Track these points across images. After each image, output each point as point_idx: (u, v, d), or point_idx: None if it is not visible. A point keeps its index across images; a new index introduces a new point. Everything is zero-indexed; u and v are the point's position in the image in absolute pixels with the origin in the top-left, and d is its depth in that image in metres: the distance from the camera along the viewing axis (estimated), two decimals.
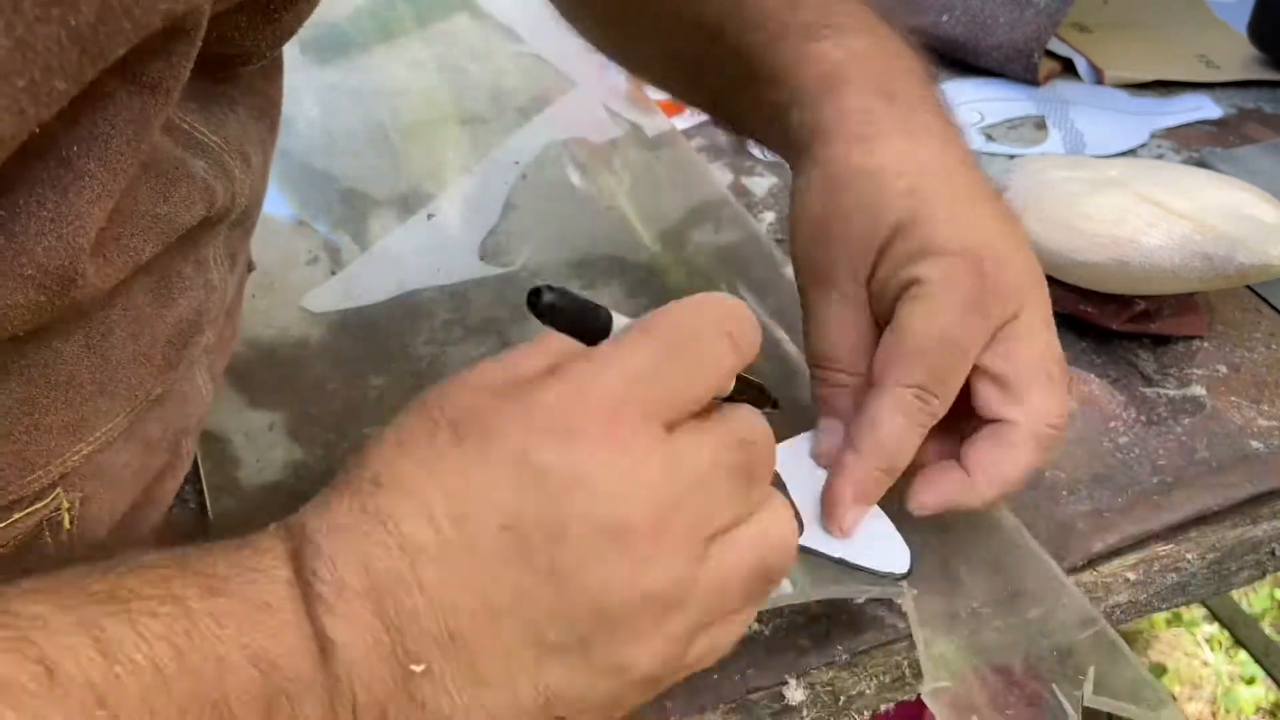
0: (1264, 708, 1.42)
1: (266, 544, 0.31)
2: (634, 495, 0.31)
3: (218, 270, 0.42)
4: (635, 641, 0.32)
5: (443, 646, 0.31)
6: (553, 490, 0.31)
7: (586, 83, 0.78)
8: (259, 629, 0.29)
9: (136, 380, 0.38)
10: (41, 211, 0.30)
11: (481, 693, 0.31)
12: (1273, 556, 0.51)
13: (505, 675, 0.31)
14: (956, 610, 0.43)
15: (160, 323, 0.38)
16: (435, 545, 0.31)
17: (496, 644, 0.31)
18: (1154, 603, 0.49)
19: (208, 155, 0.38)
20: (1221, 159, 0.71)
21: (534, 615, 0.31)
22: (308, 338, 0.57)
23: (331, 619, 0.30)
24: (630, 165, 0.70)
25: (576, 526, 0.31)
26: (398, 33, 0.84)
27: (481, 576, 0.31)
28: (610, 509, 0.31)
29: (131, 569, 0.29)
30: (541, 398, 0.32)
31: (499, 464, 0.31)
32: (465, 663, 0.31)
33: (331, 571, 0.30)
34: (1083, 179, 0.60)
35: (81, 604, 0.28)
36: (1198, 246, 0.54)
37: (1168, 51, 0.84)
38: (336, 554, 0.30)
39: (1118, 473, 0.51)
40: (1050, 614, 0.43)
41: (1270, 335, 0.58)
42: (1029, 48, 0.78)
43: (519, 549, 0.31)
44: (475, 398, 0.33)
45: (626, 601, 0.31)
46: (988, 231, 0.43)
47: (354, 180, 0.69)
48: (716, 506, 0.34)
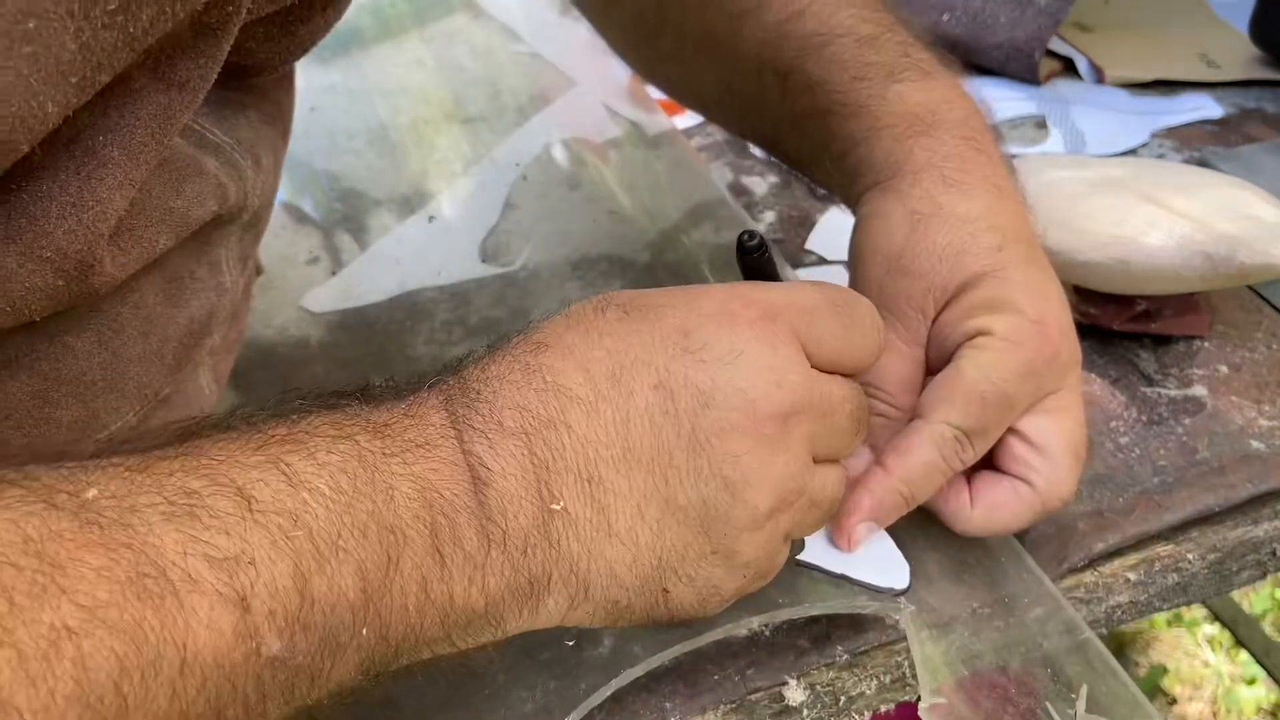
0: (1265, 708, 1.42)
1: (422, 395, 0.34)
2: (776, 385, 0.35)
3: (229, 273, 0.42)
4: (747, 527, 0.35)
5: (581, 487, 0.34)
6: (707, 360, 0.35)
7: (586, 81, 0.78)
8: (420, 462, 0.32)
9: (146, 379, 0.38)
10: (64, 196, 0.31)
11: (607, 544, 0.34)
12: (1274, 557, 0.51)
13: (630, 529, 0.34)
14: (947, 622, 0.43)
15: (172, 323, 0.39)
16: (589, 395, 0.34)
17: (630, 494, 0.34)
18: (1155, 603, 0.49)
19: (219, 154, 0.38)
20: (1223, 158, 0.71)
21: (668, 473, 0.34)
22: (308, 338, 0.57)
23: (488, 451, 0.33)
24: (630, 164, 0.70)
25: (722, 397, 0.35)
26: (397, 32, 0.83)
27: (627, 427, 0.34)
28: (753, 389, 0.35)
29: (304, 416, 0.32)
30: (709, 292, 0.37)
31: (662, 334, 0.35)
32: (598, 508, 0.34)
33: (490, 414, 0.33)
34: (1084, 179, 0.60)
35: (266, 444, 0.30)
36: (1199, 246, 0.54)
37: (1169, 51, 0.84)
38: (495, 400, 0.34)
39: (1119, 473, 0.50)
40: (1042, 627, 0.43)
41: (1271, 335, 0.58)
42: (1030, 47, 0.78)
43: (666, 408, 0.34)
44: (646, 295, 0.37)
45: (750, 479, 0.35)
46: (1053, 304, 0.44)
47: (354, 180, 0.69)
48: (831, 436, 0.38)
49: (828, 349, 0.37)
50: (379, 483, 0.31)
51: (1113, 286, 0.56)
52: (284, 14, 0.36)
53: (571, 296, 0.59)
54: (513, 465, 0.33)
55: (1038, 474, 0.43)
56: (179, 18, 0.29)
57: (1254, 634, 1.40)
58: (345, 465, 0.31)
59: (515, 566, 0.33)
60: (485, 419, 0.33)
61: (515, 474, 0.33)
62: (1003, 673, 0.42)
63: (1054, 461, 0.43)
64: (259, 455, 0.30)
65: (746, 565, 0.36)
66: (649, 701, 0.41)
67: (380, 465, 0.31)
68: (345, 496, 0.30)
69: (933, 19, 0.81)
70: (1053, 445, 0.43)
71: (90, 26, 0.26)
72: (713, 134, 0.75)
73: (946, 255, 0.44)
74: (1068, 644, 0.43)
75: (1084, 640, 0.43)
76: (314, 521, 0.29)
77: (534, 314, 0.58)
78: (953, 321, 0.44)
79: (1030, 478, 0.43)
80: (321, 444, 0.31)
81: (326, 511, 0.29)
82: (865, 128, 0.47)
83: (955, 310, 0.44)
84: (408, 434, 0.32)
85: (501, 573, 0.33)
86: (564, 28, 0.86)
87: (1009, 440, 0.44)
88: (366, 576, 0.30)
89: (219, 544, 0.27)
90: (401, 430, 0.32)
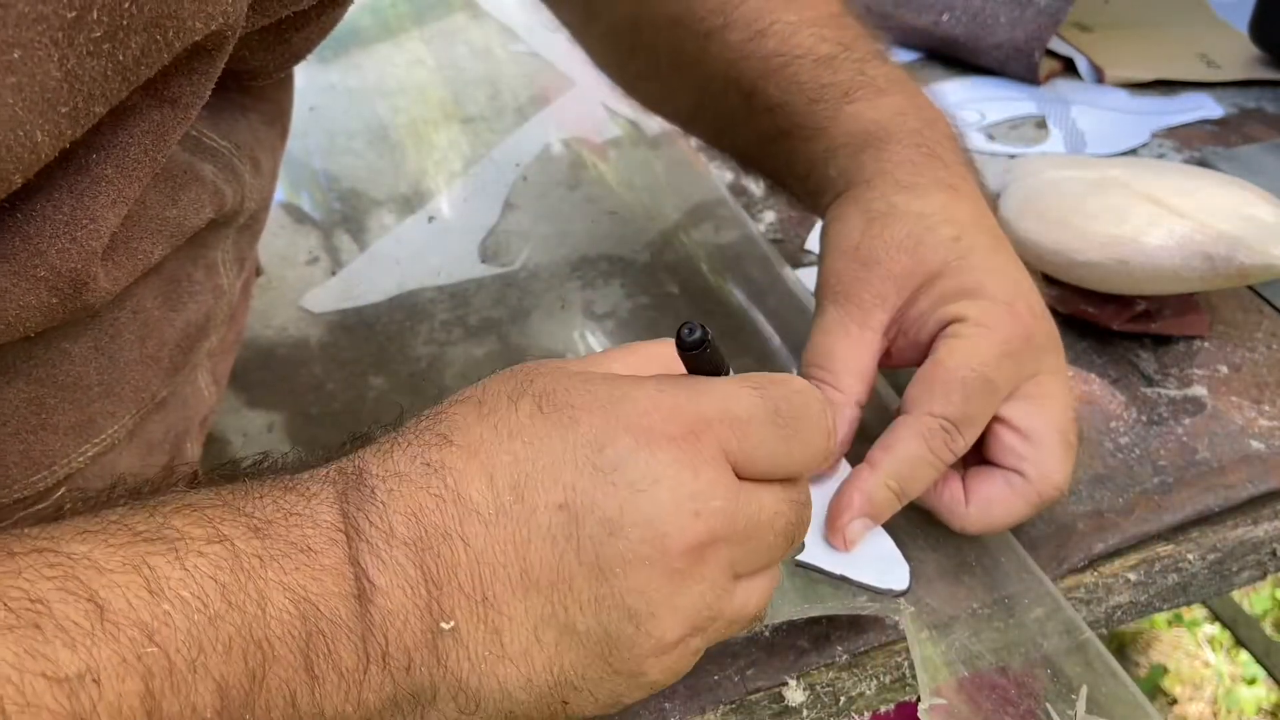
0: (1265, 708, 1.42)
1: (315, 488, 0.32)
2: (693, 515, 0.32)
3: (227, 275, 0.42)
4: (656, 654, 0.33)
5: (474, 608, 0.31)
6: (618, 485, 0.32)
7: (585, 81, 0.78)
8: (300, 571, 0.30)
9: (143, 383, 0.38)
10: (57, 215, 0.30)
11: (499, 664, 0.32)
12: (1274, 557, 0.51)
13: (525, 651, 0.32)
14: (947, 622, 0.43)
15: (169, 326, 0.39)
16: (489, 507, 0.32)
17: (526, 617, 0.32)
18: (1155, 603, 0.49)
19: (217, 159, 0.38)
20: (1222, 158, 0.71)
21: (568, 599, 0.32)
22: (307, 338, 0.57)
23: (373, 563, 0.30)
24: (629, 164, 0.70)
25: (631, 528, 0.32)
26: (397, 32, 0.83)
27: (527, 547, 0.32)
28: (666, 522, 0.32)
29: (177, 508, 0.30)
30: (635, 396, 0.33)
31: (574, 447, 0.32)
32: (491, 629, 0.32)
33: (382, 518, 0.31)
34: (1084, 179, 0.60)
35: (129, 543, 0.28)
36: (1198, 246, 0.54)
37: (1169, 51, 0.84)
38: (389, 502, 0.31)
39: (1119, 473, 0.50)
40: (1042, 627, 0.43)
41: (1271, 335, 0.58)
42: (1030, 47, 0.78)
43: (569, 531, 0.32)
44: (569, 379, 0.34)
45: (657, 612, 0.32)
46: (1023, 288, 0.45)
47: (354, 180, 0.69)
48: (758, 553, 0.35)
49: (762, 463, 0.34)
50: (251, 592, 0.29)
51: (1113, 286, 0.56)
52: (279, 24, 0.36)
53: (571, 297, 0.59)
54: (401, 580, 0.31)
55: (1029, 463, 0.43)
56: (175, 48, 0.28)
57: (1254, 634, 1.40)
58: (216, 573, 0.28)
59: (396, 682, 0.31)
60: (377, 525, 0.31)
61: (403, 590, 0.31)
62: (1003, 673, 0.42)
63: (1043, 448, 0.43)
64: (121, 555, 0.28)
65: (654, 684, 0.34)
66: (649, 702, 0.41)
67: (255, 572, 0.29)
68: (211, 609, 0.28)
69: (932, 18, 0.81)
70: (1040, 431, 0.43)
71: (75, 54, 0.26)
72: None
73: (905, 245, 0.45)
74: (1068, 644, 0.43)
75: (1084, 640, 0.43)
76: (173, 636, 0.27)
77: (534, 315, 0.58)
78: (924, 312, 0.44)
79: (1022, 468, 0.43)
80: (192, 546, 0.29)
81: (188, 624, 0.27)
82: (822, 149, 0.49)
83: (924, 301, 0.44)
84: (291, 535, 0.30)
85: (381, 688, 0.31)
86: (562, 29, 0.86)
87: (997, 430, 0.44)
88: (227, 694, 0.28)
89: (61, 660, 0.25)
90: (285, 530, 0.30)
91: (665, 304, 0.59)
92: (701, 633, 0.34)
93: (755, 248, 0.63)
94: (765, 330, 0.57)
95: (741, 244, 0.63)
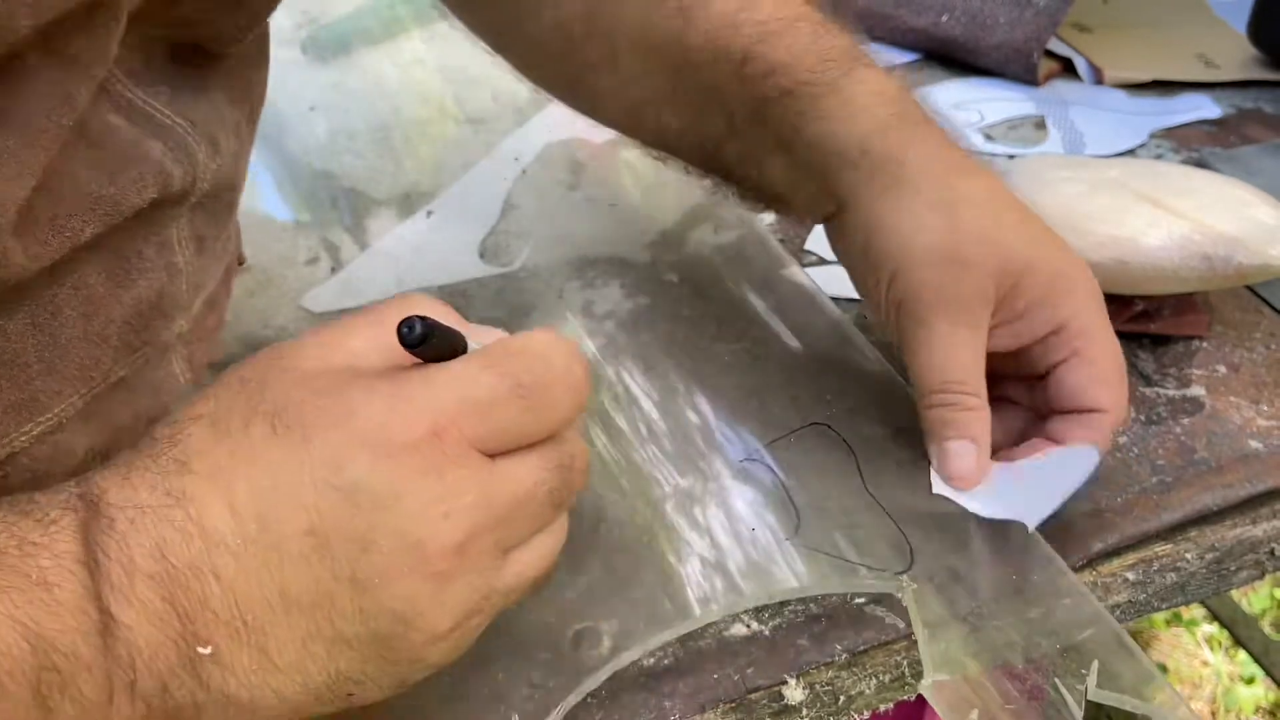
0: (1264, 707, 1.42)
1: (55, 514, 0.30)
2: (443, 519, 0.32)
3: (183, 253, 0.41)
4: (433, 643, 0.33)
5: (234, 632, 0.30)
6: (362, 505, 0.31)
7: None
8: (35, 604, 0.28)
9: (90, 361, 0.37)
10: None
11: (271, 677, 0.31)
12: (1272, 556, 0.51)
13: (297, 662, 0.31)
14: (959, 605, 0.43)
15: (116, 304, 0.38)
16: (235, 538, 0.31)
17: (290, 634, 0.31)
18: (1153, 602, 0.49)
19: (168, 136, 0.37)
20: (1221, 159, 0.71)
21: (332, 614, 0.31)
22: None
23: (116, 598, 0.29)
24: (630, 164, 0.70)
25: (383, 541, 0.31)
26: (398, 32, 0.84)
27: (280, 573, 0.31)
28: (418, 530, 0.31)
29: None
30: (368, 406, 0.32)
31: (311, 468, 0.31)
32: (256, 648, 0.31)
33: (123, 550, 0.30)
34: (1082, 179, 0.60)
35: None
36: (1197, 247, 0.54)
37: (1167, 51, 0.84)
38: (130, 533, 0.30)
39: (1117, 472, 0.51)
40: (1054, 610, 0.43)
41: (1269, 335, 0.58)
42: (1029, 48, 0.78)
43: (321, 555, 0.31)
44: (300, 391, 0.32)
45: (425, 611, 0.32)
46: (1060, 242, 0.48)
47: (354, 180, 0.69)
48: (525, 525, 0.34)
49: (512, 438, 0.34)
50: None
51: (1111, 287, 0.56)
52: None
53: (571, 297, 0.59)
54: (147, 614, 0.29)
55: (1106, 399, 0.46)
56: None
57: (1253, 633, 1.40)
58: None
59: (150, 705, 0.30)
60: (117, 560, 0.30)
61: (151, 624, 0.29)
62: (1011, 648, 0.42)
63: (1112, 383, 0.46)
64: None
65: (438, 664, 0.34)
66: (648, 701, 0.41)
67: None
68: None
69: (931, 19, 0.81)
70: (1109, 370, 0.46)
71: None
72: None
73: (989, 237, 0.45)
74: (1079, 619, 0.42)
75: (1095, 615, 0.42)
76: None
77: (534, 315, 0.58)
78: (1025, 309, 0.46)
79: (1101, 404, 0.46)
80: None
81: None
82: (840, 105, 0.47)
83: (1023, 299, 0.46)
84: (26, 566, 0.29)
85: (132, 713, 0.30)
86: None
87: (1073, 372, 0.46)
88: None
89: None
90: (19, 560, 0.29)
91: (665, 304, 0.59)
92: (479, 613, 0.34)
93: (758, 246, 0.63)
94: (769, 326, 0.57)
95: (743, 242, 0.63)
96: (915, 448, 0.48)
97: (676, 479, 0.48)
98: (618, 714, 0.41)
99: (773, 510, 0.46)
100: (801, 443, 0.49)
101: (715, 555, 0.44)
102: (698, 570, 0.44)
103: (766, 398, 0.52)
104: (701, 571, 0.44)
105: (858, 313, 0.59)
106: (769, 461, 0.48)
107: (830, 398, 0.52)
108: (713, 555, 0.44)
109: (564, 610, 0.42)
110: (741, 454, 0.49)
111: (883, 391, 0.52)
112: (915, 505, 0.46)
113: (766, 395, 0.52)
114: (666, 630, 0.42)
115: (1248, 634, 1.40)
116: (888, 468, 0.48)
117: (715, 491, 0.47)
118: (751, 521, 0.46)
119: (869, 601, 0.45)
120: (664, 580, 0.43)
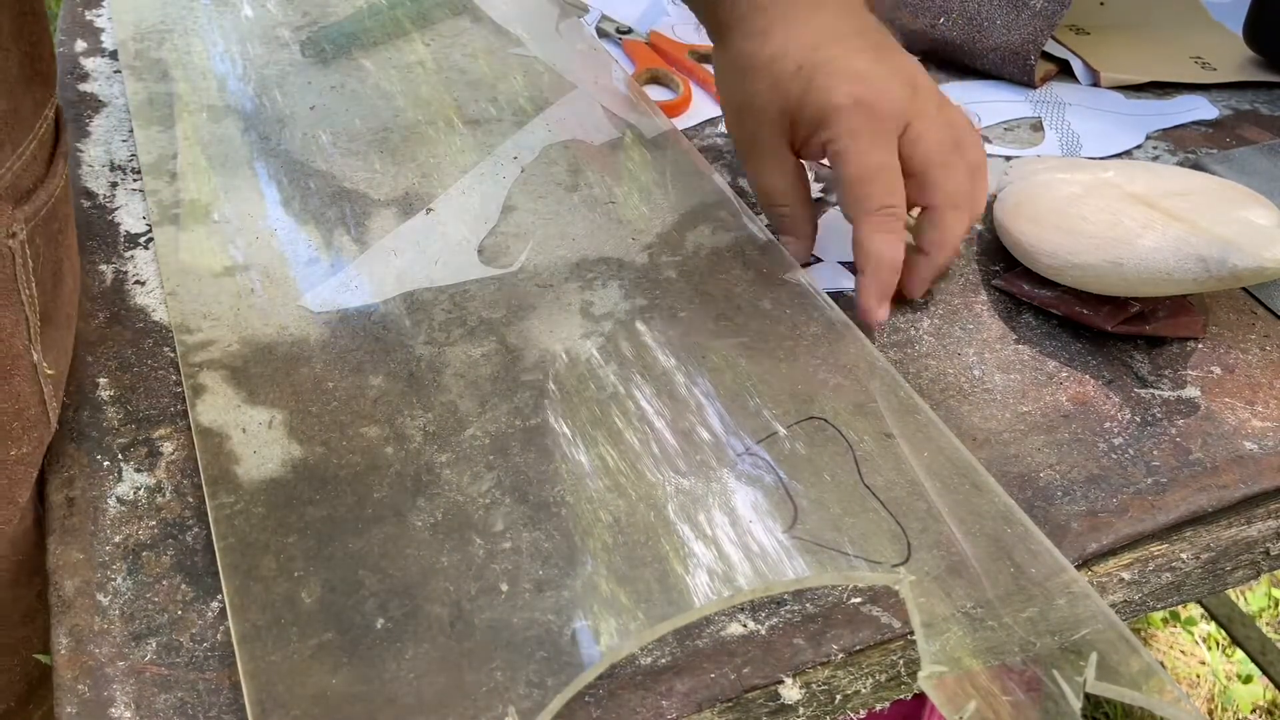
0: (1261, 706, 1.42)
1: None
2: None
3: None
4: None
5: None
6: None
7: (585, 85, 0.78)
8: None
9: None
10: None
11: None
12: (1267, 556, 0.51)
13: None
14: (957, 598, 0.43)
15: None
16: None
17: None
18: (1149, 602, 0.49)
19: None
20: (1217, 160, 0.71)
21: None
22: (307, 336, 0.57)
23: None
24: (630, 166, 0.70)
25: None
26: (398, 33, 0.84)
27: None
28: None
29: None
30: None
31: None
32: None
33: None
34: (1079, 181, 0.60)
35: None
36: (1192, 249, 0.54)
37: (1164, 53, 0.85)
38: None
39: (1112, 473, 0.51)
40: (1053, 603, 0.43)
41: (1264, 337, 0.59)
42: (1025, 50, 0.78)
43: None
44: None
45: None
46: (864, 76, 0.56)
47: (354, 181, 0.69)
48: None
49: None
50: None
51: (1107, 288, 0.57)
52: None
53: (570, 297, 0.59)
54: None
55: (929, 194, 0.57)
56: None
57: (1250, 632, 1.41)
58: None
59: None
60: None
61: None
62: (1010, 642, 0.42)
63: (932, 177, 0.57)
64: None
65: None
66: (645, 700, 0.42)
67: None
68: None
69: (928, 22, 0.81)
70: (923, 168, 0.57)
71: None
72: (711, 136, 0.76)
73: (768, 97, 0.58)
74: (1078, 613, 0.43)
75: (1095, 609, 0.43)
76: None
77: (533, 315, 0.58)
78: (808, 139, 0.58)
79: (927, 200, 0.58)
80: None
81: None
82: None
83: (802, 129, 0.58)
84: None
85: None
86: (562, 34, 0.86)
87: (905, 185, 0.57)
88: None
89: None
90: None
91: (664, 304, 0.59)
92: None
93: (756, 244, 0.63)
94: (770, 324, 0.57)
95: (741, 242, 0.63)
96: (912, 443, 0.48)
97: (676, 477, 0.48)
98: (615, 713, 0.41)
99: (771, 504, 0.47)
100: (799, 438, 0.50)
101: (713, 549, 0.45)
102: (696, 564, 0.44)
103: (765, 395, 0.52)
104: (699, 565, 0.44)
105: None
106: (767, 457, 0.49)
107: (828, 394, 0.52)
108: (711, 549, 0.45)
109: (562, 608, 0.43)
110: (740, 450, 0.49)
111: (880, 388, 0.53)
112: (913, 499, 0.46)
113: (765, 392, 0.53)
114: (664, 623, 0.42)
115: (1245, 633, 1.41)
116: (885, 462, 0.48)
117: (714, 488, 0.48)
118: (750, 516, 0.46)
119: (865, 601, 0.45)
120: (662, 575, 0.44)
